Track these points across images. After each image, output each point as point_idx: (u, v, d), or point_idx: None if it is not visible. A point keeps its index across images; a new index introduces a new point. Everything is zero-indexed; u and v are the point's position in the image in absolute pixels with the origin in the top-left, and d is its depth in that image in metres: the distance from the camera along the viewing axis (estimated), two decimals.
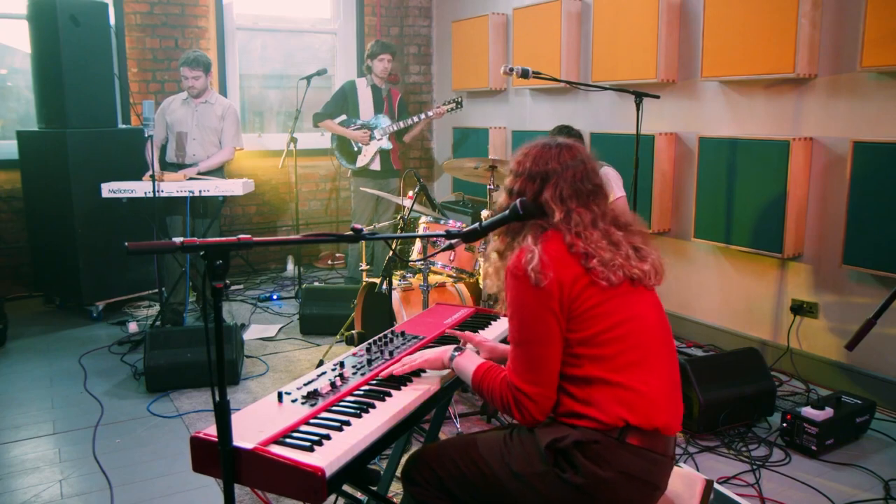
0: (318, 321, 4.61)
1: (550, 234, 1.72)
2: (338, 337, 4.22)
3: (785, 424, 3.10)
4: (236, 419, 1.50)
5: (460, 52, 6.27)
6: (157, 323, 4.50)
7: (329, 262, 6.61)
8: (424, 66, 7.07)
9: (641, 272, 1.72)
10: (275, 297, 5.54)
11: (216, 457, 1.44)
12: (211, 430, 1.49)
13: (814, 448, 3.00)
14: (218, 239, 1.39)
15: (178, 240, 1.37)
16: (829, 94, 3.63)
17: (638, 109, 3.56)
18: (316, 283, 5.63)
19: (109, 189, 4.27)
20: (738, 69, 3.88)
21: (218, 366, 1.40)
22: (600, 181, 1.81)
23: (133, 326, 4.70)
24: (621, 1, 4.57)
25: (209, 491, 2.77)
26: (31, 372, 4.05)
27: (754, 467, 2.92)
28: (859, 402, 3.19)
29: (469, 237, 1.81)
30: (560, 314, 1.64)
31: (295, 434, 1.51)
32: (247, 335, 4.59)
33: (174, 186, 4.31)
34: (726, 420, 3.17)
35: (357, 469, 1.48)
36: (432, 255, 3.51)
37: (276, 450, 1.43)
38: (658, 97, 3.76)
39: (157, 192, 4.13)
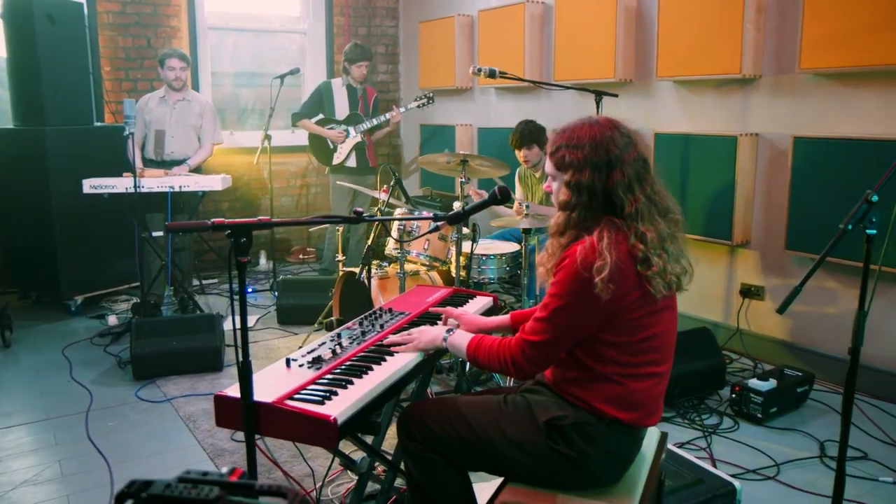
0: (295, 311, 4.79)
1: (618, 234, 1.72)
2: (315, 325, 4.40)
3: (734, 395, 3.39)
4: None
5: (427, 51, 6.48)
6: (136, 315, 4.61)
7: (301, 256, 6.77)
8: (392, 65, 7.27)
9: (677, 277, 1.78)
10: (250, 290, 5.69)
11: (237, 412, 1.64)
12: (230, 391, 1.69)
13: (759, 416, 3.29)
14: (242, 220, 1.59)
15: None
16: (772, 93, 3.94)
17: (598, 107, 3.77)
18: (290, 276, 5.79)
19: (91, 185, 4.36)
20: (690, 70, 4.17)
21: (242, 331, 1.60)
22: (645, 153, 1.80)
23: (113, 319, 4.82)
24: (581, 4, 4.83)
25: (206, 467, 2.95)
26: (15, 363, 4.15)
27: (706, 434, 3.20)
28: (800, 374, 3.50)
29: (454, 220, 2.03)
30: (603, 321, 1.73)
31: (306, 391, 1.71)
32: (225, 326, 4.72)
33: (154, 182, 4.43)
34: (681, 393, 3.45)
35: (361, 419, 1.69)
36: (413, 240, 3.70)
37: (292, 403, 1.64)
38: (616, 96, 3.97)
39: (139, 187, 4.26)
